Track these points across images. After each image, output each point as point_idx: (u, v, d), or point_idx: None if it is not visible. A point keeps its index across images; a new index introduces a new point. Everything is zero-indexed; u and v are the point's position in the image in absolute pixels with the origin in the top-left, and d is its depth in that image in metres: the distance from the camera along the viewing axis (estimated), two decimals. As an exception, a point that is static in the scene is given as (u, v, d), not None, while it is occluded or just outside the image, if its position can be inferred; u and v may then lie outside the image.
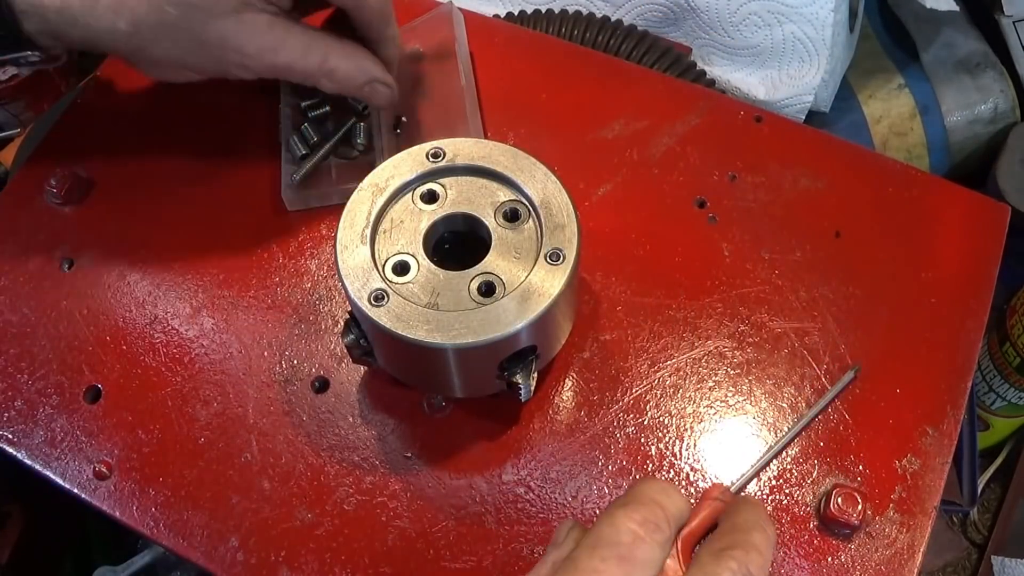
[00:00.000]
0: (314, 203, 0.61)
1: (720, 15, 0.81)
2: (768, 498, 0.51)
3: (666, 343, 0.55)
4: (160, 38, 0.49)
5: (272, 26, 0.51)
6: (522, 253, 0.48)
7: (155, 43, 0.49)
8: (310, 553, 0.50)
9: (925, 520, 0.50)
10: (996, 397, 0.96)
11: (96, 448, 0.54)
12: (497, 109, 0.64)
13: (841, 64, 0.84)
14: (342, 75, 0.54)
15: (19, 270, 0.60)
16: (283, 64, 0.53)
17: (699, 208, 0.61)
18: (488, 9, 0.83)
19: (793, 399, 0.54)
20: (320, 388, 0.55)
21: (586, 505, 0.51)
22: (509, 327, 0.44)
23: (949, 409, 0.53)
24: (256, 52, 0.51)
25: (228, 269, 0.59)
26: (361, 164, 0.60)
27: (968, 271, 0.58)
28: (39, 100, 1.00)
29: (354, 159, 0.60)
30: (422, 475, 0.52)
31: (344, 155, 0.60)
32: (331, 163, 0.61)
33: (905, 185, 0.61)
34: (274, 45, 0.51)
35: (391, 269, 0.47)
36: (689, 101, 0.65)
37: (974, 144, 0.92)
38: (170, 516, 0.51)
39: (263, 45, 0.51)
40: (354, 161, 0.60)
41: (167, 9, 0.47)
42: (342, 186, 0.60)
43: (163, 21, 0.48)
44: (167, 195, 0.62)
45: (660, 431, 0.53)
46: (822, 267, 0.58)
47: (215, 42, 0.50)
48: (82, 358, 0.57)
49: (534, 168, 0.49)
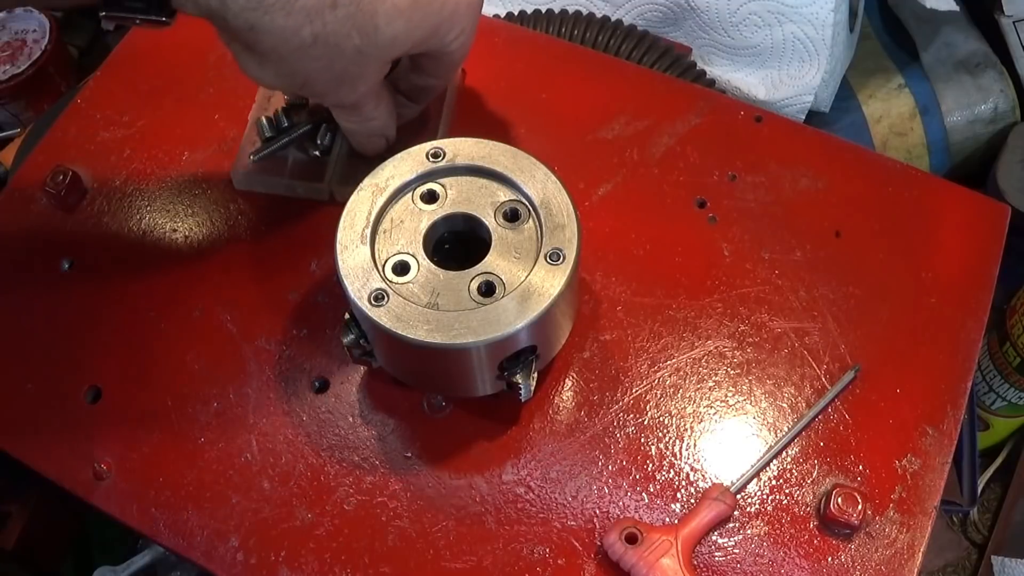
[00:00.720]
0: (259, 187, 0.61)
1: (720, 15, 0.81)
2: (768, 498, 0.51)
3: (666, 343, 0.55)
4: (324, 56, 0.47)
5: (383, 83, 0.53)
6: (522, 253, 0.48)
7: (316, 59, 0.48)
8: (310, 553, 0.50)
9: (925, 520, 0.50)
10: (996, 397, 0.96)
11: (96, 448, 0.54)
12: (497, 109, 0.64)
13: (841, 64, 0.84)
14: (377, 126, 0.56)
15: (19, 270, 0.60)
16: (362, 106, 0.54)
17: (699, 208, 0.60)
18: (488, 9, 0.83)
19: (793, 399, 0.54)
20: (320, 388, 0.55)
21: (586, 505, 0.51)
22: (509, 327, 0.44)
23: (949, 409, 0.53)
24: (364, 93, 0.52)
25: (228, 267, 0.59)
26: (316, 164, 0.60)
27: (968, 271, 0.58)
28: (39, 100, 1.00)
29: (312, 157, 0.60)
30: (422, 475, 0.52)
31: (304, 150, 0.60)
32: (289, 154, 0.60)
33: (905, 185, 0.61)
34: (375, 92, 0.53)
35: (391, 269, 0.47)
36: (689, 101, 0.65)
37: (974, 144, 0.92)
38: (170, 516, 0.51)
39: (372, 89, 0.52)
40: (311, 159, 0.60)
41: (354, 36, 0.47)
42: (292, 180, 0.60)
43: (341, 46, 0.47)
44: (166, 194, 0.62)
45: (660, 431, 0.53)
46: (822, 267, 0.58)
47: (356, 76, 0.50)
48: (82, 358, 0.57)
49: (534, 168, 0.49)
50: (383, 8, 0.46)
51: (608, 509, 0.51)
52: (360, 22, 0.46)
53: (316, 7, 0.45)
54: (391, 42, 0.48)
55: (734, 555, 0.49)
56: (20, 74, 0.97)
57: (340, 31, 0.46)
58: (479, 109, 0.65)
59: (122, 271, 0.59)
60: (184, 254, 0.60)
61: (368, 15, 0.46)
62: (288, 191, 0.60)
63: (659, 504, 0.51)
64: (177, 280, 0.59)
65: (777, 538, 0.50)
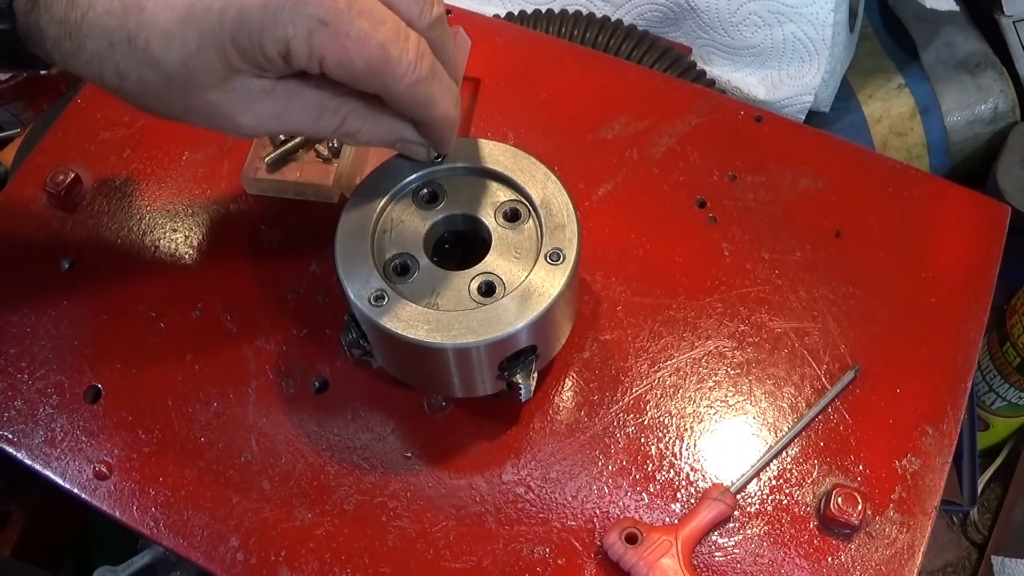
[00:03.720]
0: (270, 191, 0.61)
1: (720, 15, 0.81)
2: (768, 498, 0.51)
3: (666, 343, 0.55)
4: (146, 95, 0.44)
5: (269, 92, 0.43)
6: (522, 253, 0.48)
7: (142, 98, 0.44)
8: (310, 553, 0.50)
9: (925, 520, 0.50)
10: (996, 397, 0.96)
11: (96, 448, 0.54)
12: (497, 109, 0.64)
13: (841, 64, 0.84)
14: (366, 137, 0.47)
15: (19, 270, 0.60)
16: (290, 129, 0.47)
17: (699, 208, 0.60)
18: (488, 9, 0.83)
19: (793, 399, 0.54)
20: (320, 388, 0.55)
21: (586, 505, 0.51)
22: (509, 327, 0.44)
23: (949, 409, 0.53)
24: (254, 121, 0.45)
25: (228, 267, 0.59)
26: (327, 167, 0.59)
27: (968, 271, 0.58)
28: (39, 100, 1.00)
29: (323, 160, 0.60)
30: (422, 475, 0.52)
31: (315, 153, 0.60)
32: (300, 158, 0.60)
33: (905, 185, 0.61)
34: (277, 111, 0.44)
35: (391, 269, 0.47)
36: (689, 101, 0.65)
37: (974, 144, 0.92)
38: (170, 516, 0.51)
39: (262, 113, 0.44)
40: (322, 162, 0.60)
41: (147, 72, 0.42)
42: (303, 183, 0.59)
43: (146, 81, 0.42)
44: (166, 194, 0.62)
45: (660, 431, 0.53)
46: (822, 267, 0.58)
47: (205, 109, 0.44)
48: (82, 358, 0.57)
49: (534, 168, 0.49)
50: (153, 36, 0.41)
51: (608, 509, 0.51)
52: (142, 58, 0.41)
53: (101, 51, 0.42)
54: (183, 70, 0.41)
55: (734, 555, 0.49)
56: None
57: (131, 69, 0.42)
58: (479, 109, 0.65)
59: (122, 271, 0.59)
60: (184, 254, 0.60)
61: (142, 48, 0.41)
62: (298, 194, 0.60)
63: (659, 504, 0.51)
64: (177, 280, 0.59)
65: (777, 538, 0.50)
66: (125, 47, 0.41)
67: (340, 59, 0.41)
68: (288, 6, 0.39)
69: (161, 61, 0.41)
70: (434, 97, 0.44)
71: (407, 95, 0.43)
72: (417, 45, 0.42)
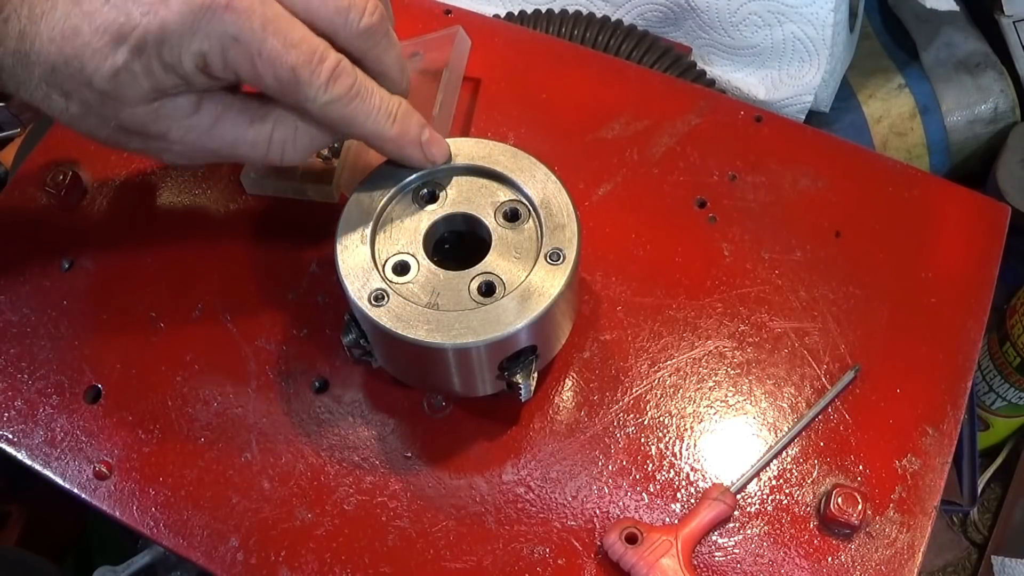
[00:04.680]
0: (270, 191, 0.60)
1: (720, 15, 0.81)
2: (768, 498, 0.51)
3: (666, 343, 0.55)
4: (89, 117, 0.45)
5: (198, 107, 0.45)
6: (522, 253, 0.48)
7: (83, 120, 0.45)
8: (310, 553, 0.50)
9: (925, 520, 0.50)
10: (996, 397, 0.96)
11: (96, 448, 0.54)
12: (497, 109, 0.64)
13: (841, 64, 0.84)
14: (303, 145, 0.47)
15: (19, 270, 0.60)
16: (224, 146, 0.47)
17: (699, 208, 0.61)
18: (488, 9, 0.83)
19: (793, 399, 0.54)
20: (320, 388, 0.55)
21: (586, 505, 0.51)
22: (509, 327, 0.44)
23: (949, 409, 0.53)
24: (182, 137, 0.46)
25: (228, 267, 0.59)
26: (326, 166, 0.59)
27: (968, 271, 0.58)
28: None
29: (322, 159, 0.60)
30: (422, 475, 0.52)
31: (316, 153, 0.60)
32: None
33: (905, 185, 0.61)
34: (206, 126, 0.45)
35: (391, 269, 0.47)
36: (689, 101, 0.65)
37: (974, 144, 0.92)
38: (170, 516, 0.51)
39: (192, 127, 0.45)
40: (321, 161, 0.60)
41: (86, 93, 0.44)
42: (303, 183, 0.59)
43: (85, 101, 0.44)
44: (166, 194, 0.62)
45: (660, 431, 0.53)
46: (822, 267, 0.58)
47: (137, 129, 0.45)
48: (82, 358, 0.57)
49: (534, 168, 0.49)
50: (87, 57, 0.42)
51: (608, 509, 0.51)
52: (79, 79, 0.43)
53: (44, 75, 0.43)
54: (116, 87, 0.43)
55: (734, 555, 0.49)
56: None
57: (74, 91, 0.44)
58: (479, 109, 0.65)
59: (122, 271, 0.59)
60: (184, 254, 0.60)
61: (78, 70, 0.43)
62: (298, 194, 0.60)
63: (659, 504, 0.51)
64: (177, 280, 0.59)
65: (777, 538, 0.50)
66: (64, 69, 0.43)
67: (251, 75, 0.43)
68: (204, 21, 0.41)
69: (93, 79, 0.42)
70: (355, 117, 0.45)
71: (322, 115, 0.45)
72: (333, 67, 0.43)
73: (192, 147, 0.47)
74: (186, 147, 0.47)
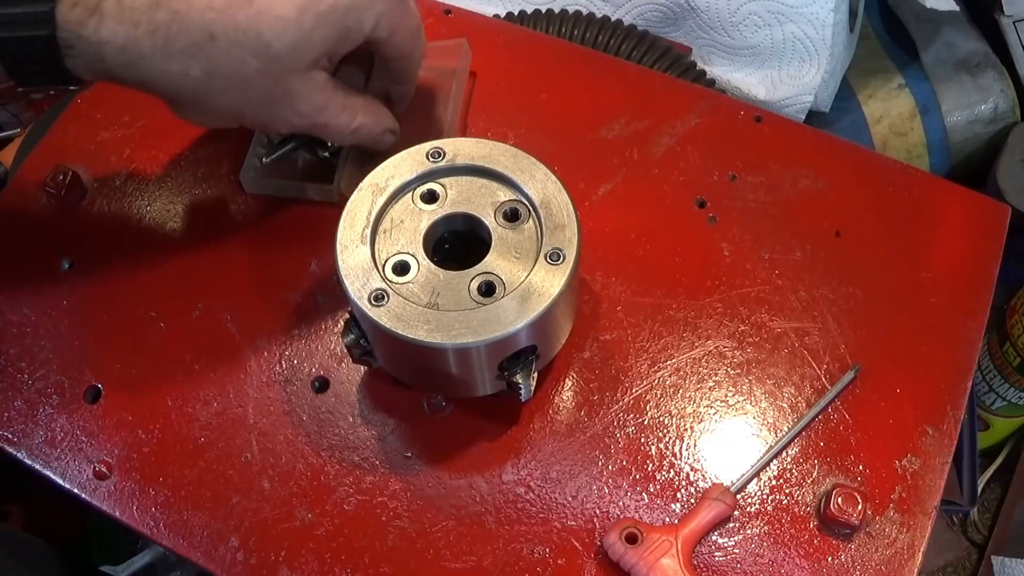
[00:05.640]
0: (269, 190, 0.61)
1: (720, 15, 0.81)
2: (768, 498, 0.51)
3: (666, 343, 0.55)
4: (230, 88, 0.47)
5: (325, 86, 0.50)
6: (522, 253, 0.48)
7: (222, 94, 0.47)
8: (310, 553, 0.50)
9: (925, 520, 0.50)
10: (996, 397, 0.96)
11: (96, 448, 0.54)
12: (497, 109, 0.64)
13: (841, 64, 0.84)
14: (365, 132, 0.54)
15: (19, 270, 0.60)
16: (322, 123, 0.52)
17: (699, 208, 0.60)
18: (488, 9, 0.83)
19: (793, 399, 0.54)
20: (320, 388, 0.55)
21: (586, 505, 0.51)
22: (509, 327, 0.44)
23: (949, 409, 0.53)
24: (308, 110, 0.50)
25: (228, 267, 0.59)
26: (326, 165, 0.60)
27: (968, 271, 0.58)
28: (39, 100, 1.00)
29: (321, 159, 0.60)
30: (422, 475, 0.52)
31: (314, 152, 0.60)
32: (299, 156, 0.60)
33: (905, 185, 0.61)
34: (323, 104, 0.51)
35: (391, 269, 0.47)
36: (689, 101, 0.65)
37: (974, 144, 0.92)
38: (170, 516, 0.51)
39: (316, 103, 0.50)
40: (321, 161, 0.60)
41: (248, 60, 0.46)
42: (302, 182, 0.60)
43: (240, 72, 0.46)
44: (166, 194, 0.62)
45: (660, 431, 0.53)
46: (822, 267, 0.58)
47: (280, 97, 0.49)
48: (82, 358, 0.57)
49: (534, 168, 0.49)
50: (267, 24, 0.45)
51: (608, 509, 0.51)
52: (248, 45, 0.45)
53: (193, 45, 0.44)
54: (292, 53, 0.47)
55: (734, 555, 0.49)
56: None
57: (230, 60, 0.45)
58: (479, 109, 0.65)
59: (122, 271, 0.59)
60: (184, 254, 0.60)
61: (253, 36, 0.45)
62: (298, 193, 0.60)
63: (659, 504, 0.51)
64: (177, 280, 0.59)
65: (777, 538, 0.50)
66: (229, 37, 0.45)
67: (406, 28, 0.51)
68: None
69: (272, 45, 0.46)
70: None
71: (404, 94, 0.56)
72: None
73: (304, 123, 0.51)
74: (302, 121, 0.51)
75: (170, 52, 0.44)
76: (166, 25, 0.44)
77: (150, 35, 0.44)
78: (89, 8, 0.43)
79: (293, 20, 0.46)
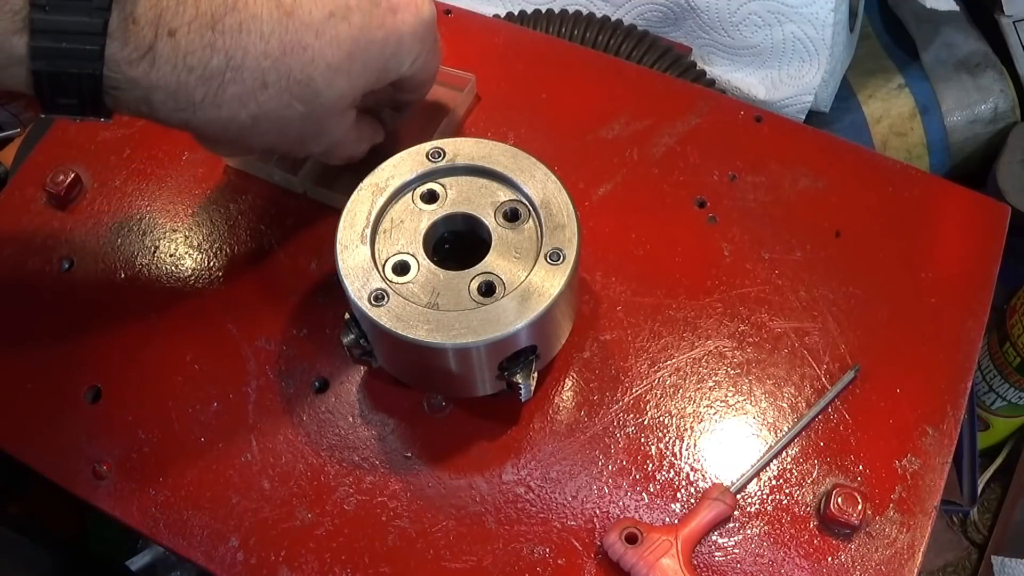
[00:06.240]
0: (251, 170, 0.61)
1: (720, 15, 0.81)
2: (768, 498, 0.51)
3: (666, 343, 0.55)
4: (271, 130, 0.47)
5: (353, 121, 0.51)
6: (522, 253, 0.48)
7: (264, 134, 0.47)
8: (310, 553, 0.50)
9: (925, 520, 0.50)
10: (996, 397, 0.96)
11: (96, 448, 0.54)
12: (497, 109, 0.64)
13: (841, 64, 0.84)
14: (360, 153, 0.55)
15: (19, 270, 0.60)
16: (337, 152, 0.53)
17: (699, 208, 0.60)
18: (488, 9, 0.83)
19: (793, 399, 0.54)
20: (320, 388, 0.55)
21: (586, 505, 0.51)
22: (509, 327, 0.44)
23: (949, 409, 0.53)
24: (331, 143, 0.51)
25: (228, 268, 0.59)
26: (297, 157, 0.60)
27: (968, 271, 0.58)
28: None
29: None
30: (422, 475, 0.52)
31: None
32: None
33: (905, 185, 0.61)
34: (346, 139, 0.52)
35: (391, 269, 0.47)
36: (689, 101, 0.65)
37: (974, 144, 0.92)
38: (170, 516, 0.51)
39: (345, 138, 0.52)
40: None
41: (295, 105, 0.45)
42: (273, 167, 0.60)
43: (285, 116, 0.46)
44: (166, 194, 0.62)
45: (660, 431, 0.53)
46: (822, 267, 0.58)
47: (312, 135, 0.49)
48: (82, 358, 0.57)
49: (534, 168, 0.49)
50: (318, 72, 0.45)
51: (608, 509, 0.51)
52: (298, 92, 0.45)
53: (246, 92, 0.43)
54: (338, 99, 0.47)
55: (734, 555, 0.49)
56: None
57: (279, 105, 0.45)
58: (479, 109, 0.65)
59: (122, 271, 0.59)
60: (184, 254, 0.60)
61: (304, 83, 0.45)
62: (268, 177, 0.61)
63: (659, 504, 0.51)
64: (177, 280, 0.59)
65: (777, 538, 0.50)
66: (281, 85, 0.44)
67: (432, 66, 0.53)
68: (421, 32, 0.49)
69: (322, 94, 0.46)
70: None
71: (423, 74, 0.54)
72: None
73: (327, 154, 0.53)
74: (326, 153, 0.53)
75: (220, 100, 0.43)
76: (220, 73, 0.42)
77: (203, 82, 0.42)
78: (142, 49, 0.40)
79: (344, 69, 0.46)
